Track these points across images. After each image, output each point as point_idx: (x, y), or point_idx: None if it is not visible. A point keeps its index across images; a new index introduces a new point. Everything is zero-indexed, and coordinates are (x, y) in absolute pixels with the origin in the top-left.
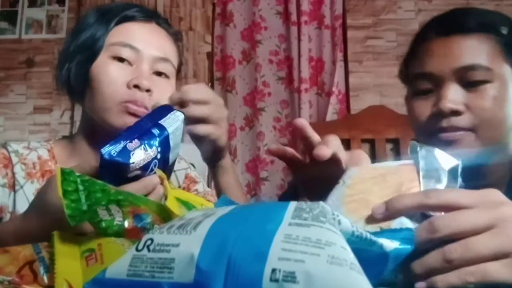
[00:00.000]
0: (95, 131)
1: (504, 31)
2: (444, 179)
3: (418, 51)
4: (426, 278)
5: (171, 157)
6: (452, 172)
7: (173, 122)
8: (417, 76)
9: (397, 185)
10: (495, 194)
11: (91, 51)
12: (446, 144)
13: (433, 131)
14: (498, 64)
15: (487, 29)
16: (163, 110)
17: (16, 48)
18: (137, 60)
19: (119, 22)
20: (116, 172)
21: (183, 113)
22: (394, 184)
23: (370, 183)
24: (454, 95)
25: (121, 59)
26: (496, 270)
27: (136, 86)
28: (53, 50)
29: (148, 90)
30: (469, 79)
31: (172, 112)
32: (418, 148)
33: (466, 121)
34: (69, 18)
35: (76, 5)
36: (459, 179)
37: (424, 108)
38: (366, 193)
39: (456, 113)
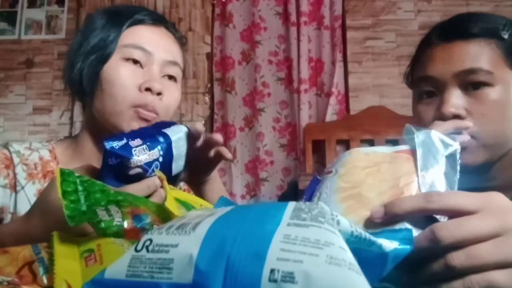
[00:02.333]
0: (101, 132)
1: (505, 35)
2: (443, 166)
3: (421, 56)
4: (429, 282)
5: (174, 167)
6: (451, 158)
7: (176, 133)
8: (420, 80)
9: (394, 179)
10: (500, 199)
11: (104, 52)
12: None
13: None
14: (499, 68)
15: (488, 34)
16: (167, 123)
17: (15, 48)
18: (148, 63)
19: (130, 25)
20: (118, 167)
21: (187, 126)
22: (390, 177)
23: (364, 174)
24: (455, 100)
25: (133, 61)
26: (501, 279)
27: (147, 89)
28: (53, 50)
29: (159, 93)
30: (470, 83)
31: (175, 125)
32: (415, 134)
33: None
34: (69, 19)
35: (75, 6)
36: (458, 164)
37: (428, 113)
38: (361, 187)
39: (457, 117)
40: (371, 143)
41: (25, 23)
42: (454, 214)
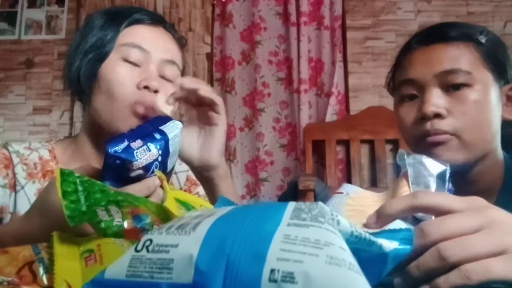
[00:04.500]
0: (100, 132)
1: (483, 40)
2: (433, 185)
3: (401, 62)
4: (426, 280)
5: (169, 163)
6: (441, 177)
7: (173, 129)
8: (401, 83)
9: (391, 195)
10: (480, 200)
11: (102, 51)
12: (432, 147)
13: (419, 135)
14: (477, 69)
15: (466, 38)
16: (163, 119)
17: (15, 49)
18: (145, 62)
19: (129, 24)
20: (120, 169)
21: (182, 122)
22: (388, 196)
23: (372, 204)
24: (436, 99)
25: (130, 60)
26: (498, 266)
27: (145, 87)
28: (53, 51)
29: (156, 91)
30: (450, 83)
31: (171, 121)
32: (406, 156)
33: (449, 124)
34: (69, 19)
35: (75, 6)
36: (448, 184)
37: (410, 114)
38: (366, 207)
39: (439, 116)
40: (371, 143)
41: (25, 23)
42: (440, 212)
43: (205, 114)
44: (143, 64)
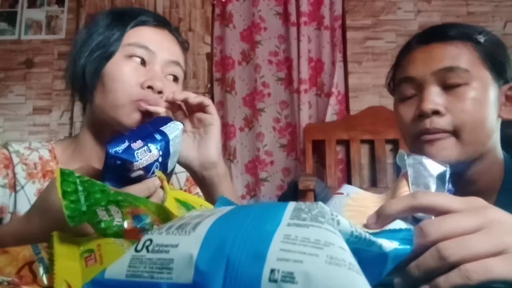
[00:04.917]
0: (102, 130)
1: (481, 39)
2: (433, 185)
3: (401, 61)
4: (426, 280)
5: (170, 164)
6: (441, 178)
7: (173, 130)
8: (401, 81)
9: (391, 196)
10: (479, 200)
11: (108, 50)
12: (427, 144)
13: (417, 133)
14: (476, 68)
15: (465, 38)
16: (164, 119)
17: (15, 49)
18: (150, 62)
19: (134, 25)
20: (120, 170)
21: (183, 123)
22: (388, 197)
23: (372, 205)
24: (435, 97)
25: (136, 59)
26: (498, 266)
27: (149, 87)
28: (53, 51)
29: (160, 92)
30: (448, 81)
31: (172, 122)
32: (406, 157)
33: (447, 122)
34: (69, 19)
35: (75, 6)
36: (448, 184)
37: (409, 112)
38: (367, 208)
39: (437, 113)
40: (371, 143)
41: (25, 23)
42: (440, 212)
43: (197, 120)
44: (148, 64)
